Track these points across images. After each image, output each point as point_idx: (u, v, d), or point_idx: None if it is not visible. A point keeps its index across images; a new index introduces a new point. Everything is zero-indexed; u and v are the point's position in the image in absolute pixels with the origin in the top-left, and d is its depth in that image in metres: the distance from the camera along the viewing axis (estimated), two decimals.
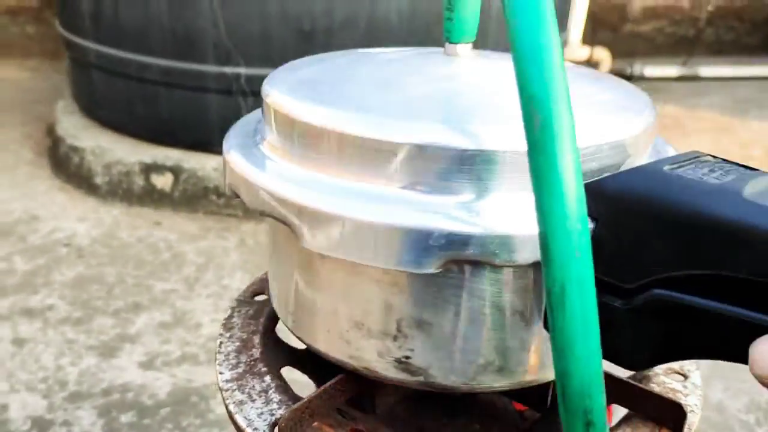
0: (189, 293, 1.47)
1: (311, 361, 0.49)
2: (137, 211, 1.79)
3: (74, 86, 2.08)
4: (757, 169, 0.34)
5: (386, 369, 0.40)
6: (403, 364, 0.39)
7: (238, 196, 0.41)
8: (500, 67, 0.44)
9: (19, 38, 2.91)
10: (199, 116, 1.75)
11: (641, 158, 0.39)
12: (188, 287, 1.49)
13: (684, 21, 3.33)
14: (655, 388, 0.46)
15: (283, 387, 0.46)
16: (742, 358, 0.29)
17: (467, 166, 0.34)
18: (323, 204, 0.35)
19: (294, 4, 1.61)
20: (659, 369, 0.48)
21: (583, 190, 0.27)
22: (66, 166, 1.91)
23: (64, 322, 1.36)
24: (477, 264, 0.35)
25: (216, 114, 1.73)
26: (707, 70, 3.05)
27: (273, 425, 0.43)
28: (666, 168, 0.34)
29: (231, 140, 0.44)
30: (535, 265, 0.33)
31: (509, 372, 0.38)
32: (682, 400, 0.45)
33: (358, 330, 0.39)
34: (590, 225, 0.33)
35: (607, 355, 0.36)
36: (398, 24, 1.66)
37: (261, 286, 0.56)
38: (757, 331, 0.29)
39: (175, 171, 1.77)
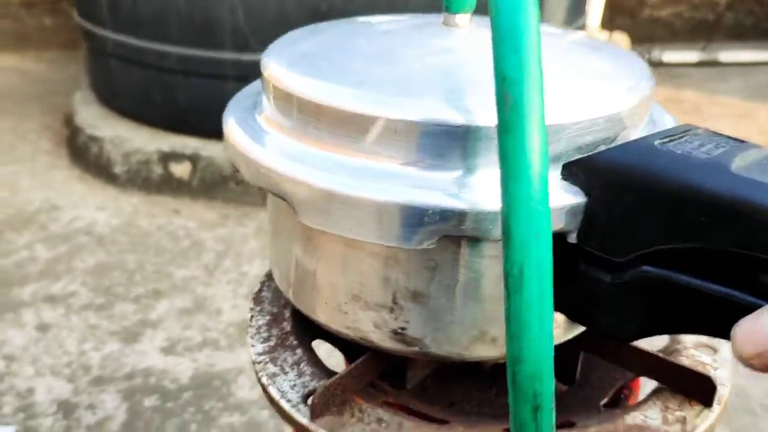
0: (209, 280, 1.48)
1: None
2: (156, 199, 1.80)
3: (92, 76, 2.10)
4: (747, 142, 0.34)
5: (383, 340, 0.40)
6: (398, 335, 0.39)
7: (237, 171, 0.41)
8: None
9: (36, 30, 2.92)
10: (217, 104, 1.74)
11: (637, 129, 0.39)
12: (208, 274, 1.50)
13: (703, 6, 3.29)
14: (685, 361, 0.46)
15: (315, 360, 0.46)
16: (726, 335, 0.29)
17: (462, 143, 0.34)
18: (319, 180, 0.35)
19: None
20: (689, 342, 0.48)
21: (547, 173, 0.28)
22: (85, 155, 1.92)
23: (86, 308, 1.38)
24: (471, 239, 0.35)
25: None
26: (727, 55, 3.00)
27: (306, 397, 0.43)
28: (657, 143, 0.34)
29: (230, 113, 0.44)
30: None
31: (503, 342, 0.39)
32: (712, 374, 0.44)
33: (355, 302, 0.40)
34: (583, 199, 0.34)
35: (594, 327, 0.37)
36: (422, 4, 1.65)
37: None
38: (741, 310, 0.29)
39: (194, 159, 1.77)
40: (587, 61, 0.42)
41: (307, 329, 0.49)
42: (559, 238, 0.33)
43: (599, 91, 0.38)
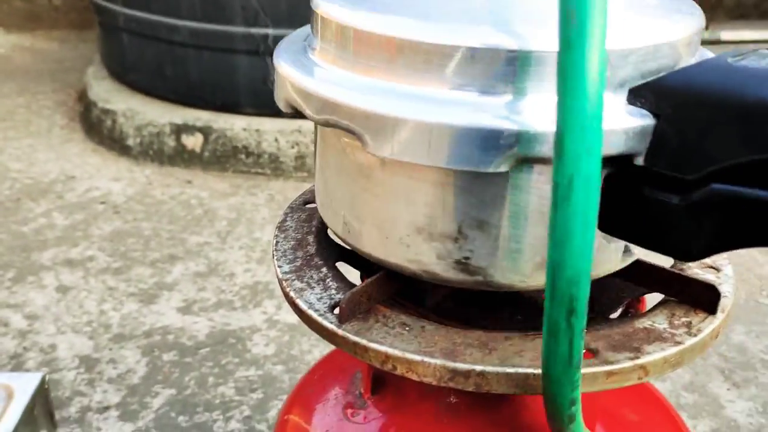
0: (222, 245, 1.52)
1: (363, 258, 0.53)
2: (168, 170, 1.84)
3: (104, 51, 2.13)
4: None
5: (446, 271, 0.41)
6: (462, 264, 0.41)
7: (294, 110, 0.42)
8: None
9: (47, 10, 2.95)
10: (227, 77, 1.79)
11: (692, 59, 0.40)
12: (221, 240, 1.54)
13: None
14: (690, 274, 0.49)
15: (340, 276, 0.50)
16: None
17: (532, 67, 0.35)
18: (391, 109, 0.36)
19: None
20: (692, 263, 0.51)
21: (603, 91, 0.29)
22: (98, 129, 1.96)
23: (104, 272, 1.42)
24: (542, 162, 0.36)
25: (244, 75, 1.77)
26: (729, 34, 3.02)
27: (332, 307, 0.46)
28: (730, 60, 0.35)
29: (282, 54, 0.45)
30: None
31: None
32: (716, 285, 0.48)
33: (418, 234, 0.41)
34: (652, 121, 0.35)
35: (660, 249, 0.38)
36: None
37: (312, 197, 0.60)
38: None
39: (205, 131, 1.81)
40: None
41: (330, 252, 0.53)
42: (624, 161, 0.35)
43: (661, 18, 0.40)
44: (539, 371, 0.37)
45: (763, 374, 1.16)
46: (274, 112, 1.81)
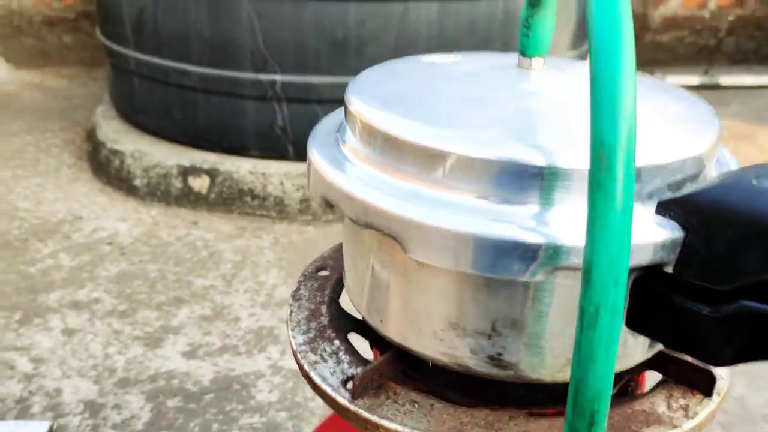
0: (227, 289, 1.54)
1: (372, 329, 0.55)
2: (175, 211, 1.86)
3: (114, 92, 2.17)
4: None
5: (478, 365, 0.44)
6: (495, 360, 0.43)
7: (331, 205, 0.46)
8: (573, 81, 0.47)
9: (57, 47, 3.01)
10: (235, 121, 1.82)
11: (712, 165, 0.43)
12: (226, 283, 1.56)
13: (704, 31, 3.37)
14: (687, 358, 0.51)
15: (352, 350, 0.51)
16: None
17: (567, 183, 0.38)
18: (432, 218, 0.39)
19: (328, 15, 1.68)
20: None
21: (630, 230, 0.32)
22: (106, 168, 1.99)
23: (110, 314, 1.44)
24: (574, 269, 0.38)
25: (251, 119, 1.81)
26: (728, 79, 3.08)
27: (345, 381, 0.48)
28: (753, 182, 0.38)
29: (317, 147, 0.47)
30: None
31: None
32: (712, 369, 0.49)
33: (452, 330, 0.43)
34: (680, 233, 0.37)
35: (688, 350, 0.41)
36: (427, 35, 1.73)
37: (323, 263, 0.62)
38: None
39: (212, 174, 1.84)
40: (661, 104, 0.46)
41: (343, 323, 0.55)
42: (655, 269, 0.38)
43: (683, 132, 0.42)
44: None
45: (763, 428, 1.17)
46: (280, 155, 1.85)
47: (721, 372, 0.50)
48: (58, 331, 1.38)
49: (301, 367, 0.51)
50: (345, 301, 0.58)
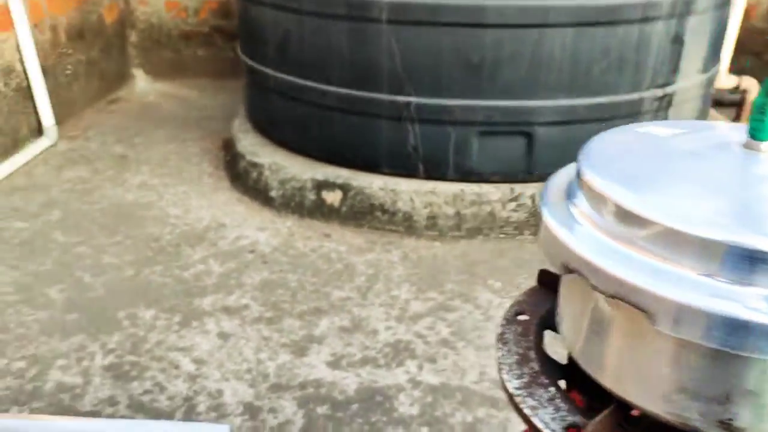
0: (363, 301, 1.62)
1: (579, 376, 0.60)
2: (308, 223, 1.97)
3: (250, 107, 2.31)
4: None
5: (706, 427, 0.48)
6: (725, 424, 0.48)
7: (570, 271, 0.50)
8: None
9: (191, 60, 3.22)
10: (369, 139, 1.91)
11: None
12: (361, 296, 1.64)
13: None
14: None
15: (567, 398, 0.57)
16: None
17: None
18: (682, 296, 0.44)
19: (464, 39, 1.74)
20: None
21: None
22: (244, 179, 2.13)
23: (258, 321, 1.55)
24: None
25: (385, 138, 1.89)
26: None
27: (566, 428, 0.54)
28: None
29: (551, 212, 0.53)
30: None
31: None
32: None
33: (683, 393, 0.48)
34: None
35: None
36: (561, 59, 1.75)
37: (521, 308, 0.68)
38: None
39: (344, 188, 1.94)
40: None
41: (553, 370, 0.60)
42: None
43: None
44: None
45: None
46: (410, 173, 1.92)
47: None
48: (214, 335, 1.50)
49: (520, 410, 0.57)
50: (547, 344, 0.64)
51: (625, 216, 0.48)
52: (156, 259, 1.79)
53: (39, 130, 2.48)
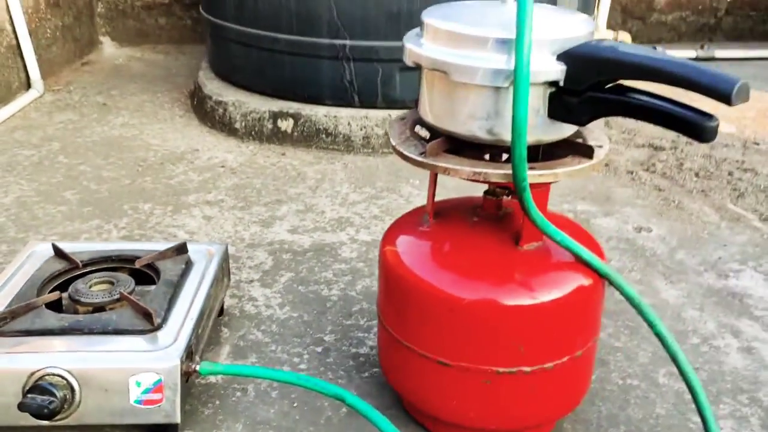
0: (313, 194, 2.11)
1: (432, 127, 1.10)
2: (267, 146, 2.44)
3: (213, 58, 2.76)
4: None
5: (483, 135, 0.98)
6: (491, 134, 0.99)
7: (418, 66, 0.99)
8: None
9: (154, 28, 3.62)
10: (313, 77, 2.40)
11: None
12: (312, 191, 2.13)
13: (705, 11, 3.84)
14: (579, 140, 1.06)
15: (423, 145, 1.07)
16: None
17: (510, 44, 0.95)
18: (466, 62, 0.97)
19: None
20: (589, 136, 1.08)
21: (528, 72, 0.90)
22: (212, 116, 2.58)
23: (233, 209, 2.02)
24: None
25: (326, 75, 2.38)
26: (722, 52, 3.56)
27: (420, 154, 1.04)
28: (606, 44, 0.94)
29: (410, 41, 1.05)
30: None
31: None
32: (592, 144, 1.04)
33: (469, 117, 0.99)
34: (565, 66, 0.93)
35: (570, 121, 0.98)
36: None
37: (403, 115, 1.18)
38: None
39: (295, 117, 2.42)
40: (567, 16, 1.03)
41: (418, 137, 1.11)
42: (556, 84, 0.93)
43: (571, 23, 0.99)
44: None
45: (692, 277, 1.70)
46: (347, 103, 2.41)
47: (602, 148, 1.05)
48: (200, 217, 1.97)
49: (398, 151, 1.08)
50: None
51: (440, 32, 0.99)
52: (146, 173, 2.24)
53: (28, 85, 2.87)
